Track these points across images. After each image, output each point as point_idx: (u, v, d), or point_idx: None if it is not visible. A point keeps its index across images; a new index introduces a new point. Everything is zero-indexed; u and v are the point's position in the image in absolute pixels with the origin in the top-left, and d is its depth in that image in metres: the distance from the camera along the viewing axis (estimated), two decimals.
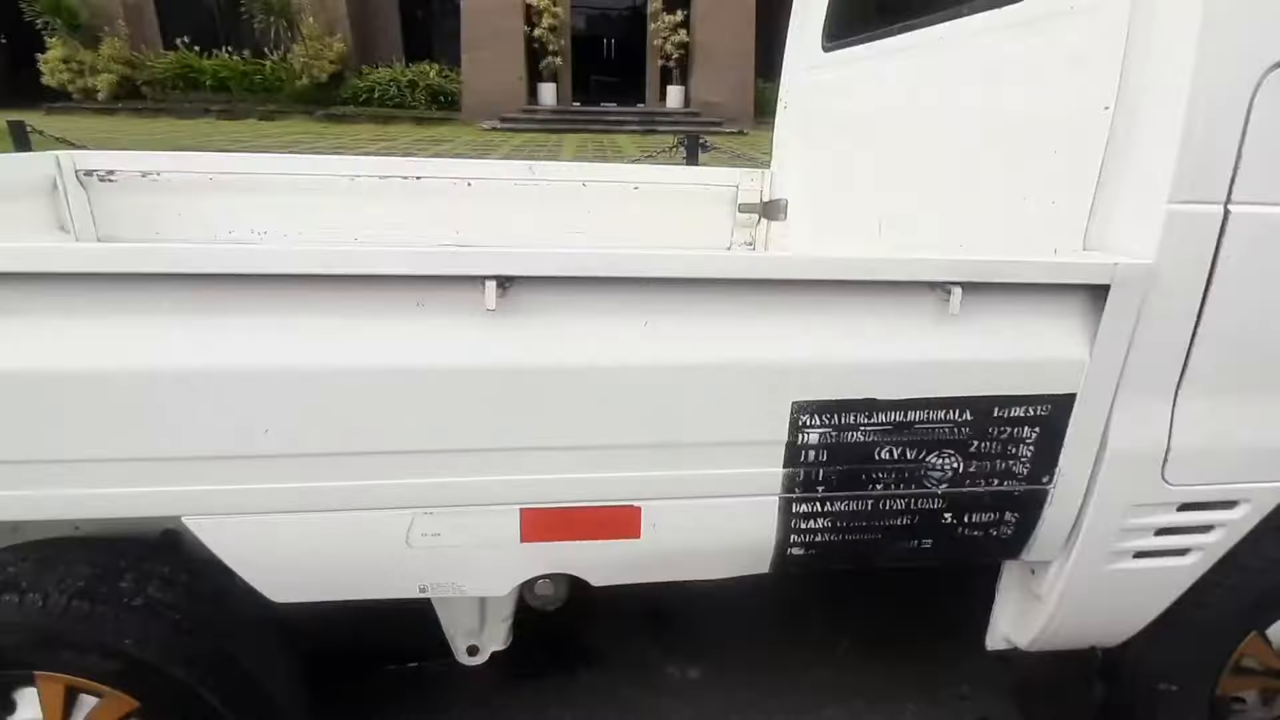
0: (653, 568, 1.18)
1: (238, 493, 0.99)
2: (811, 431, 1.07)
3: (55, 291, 0.87)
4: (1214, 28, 0.98)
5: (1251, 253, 1.06)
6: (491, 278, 0.92)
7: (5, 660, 1.08)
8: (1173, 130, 1.01)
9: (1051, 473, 1.16)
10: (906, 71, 1.75)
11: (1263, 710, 1.51)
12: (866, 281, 1.03)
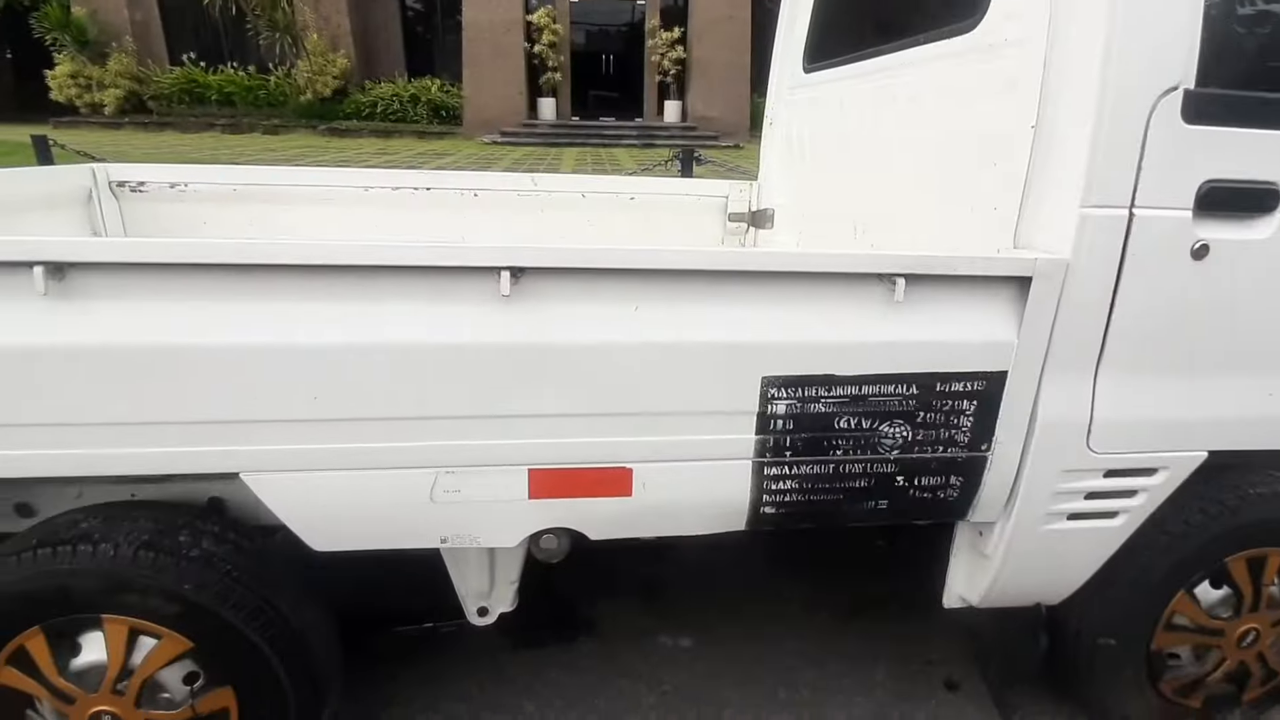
0: (642, 523, 1.35)
1: (287, 453, 1.16)
2: (779, 403, 1.24)
3: (159, 279, 1.05)
4: (1115, 60, 1.16)
5: (1154, 249, 1.24)
6: (506, 269, 1.10)
7: (79, 604, 1.25)
8: (1084, 146, 1.19)
9: (990, 441, 1.33)
10: (874, 92, 1.94)
11: (1196, 666, 1.67)
12: (823, 273, 1.20)
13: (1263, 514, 1.54)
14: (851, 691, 1.90)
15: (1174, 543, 1.52)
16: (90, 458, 1.13)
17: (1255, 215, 1.26)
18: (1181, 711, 1.70)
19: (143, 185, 2.72)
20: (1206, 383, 1.36)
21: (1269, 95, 1.24)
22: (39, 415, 1.08)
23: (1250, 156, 1.23)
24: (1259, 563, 1.58)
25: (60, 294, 1.03)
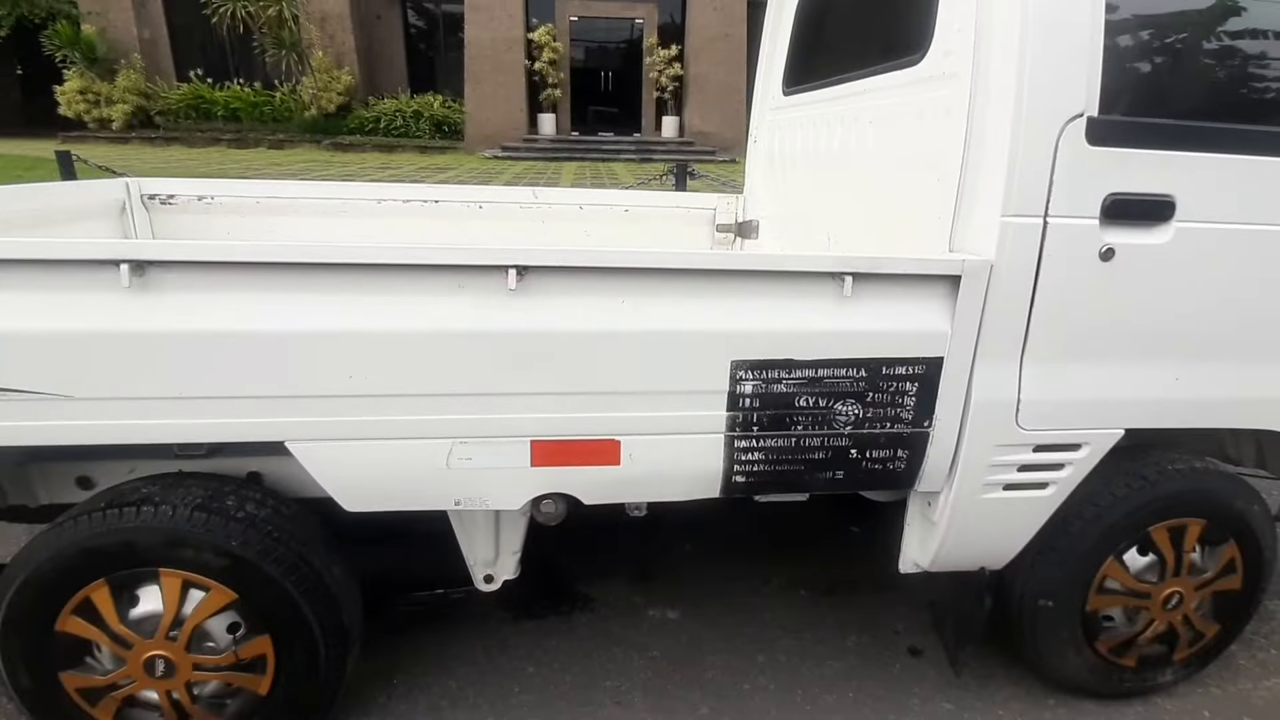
0: (629, 490, 1.55)
1: (326, 424, 1.36)
2: (746, 383, 1.44)
3: (224, 275, 1.26)
4: (1027, 92, 1.37)
5: (1066, 252, 1.45)
6: (513, 267, 1.30)
7: (141, 558, 1.44)
8: (1003, 164, 1.40)
9: (930, 418, 1.53)
10: (841, 114, 2.15)
11: (1128, 627, 1.86)
12: (782, 271, 1.41)
13: (1180, 488, 1.74)
14: (823, 657, 2.09)
15: (1102, 513, 1.72)
16: (164, 427, 1.33)
17: (1154, 223, 1.47)
18: (1117, 670, 1.89)
19: (172, 198, 2.93)
20: (1120, 368, 1.56)
21: (1161, 121, 1.45)
22: (125, 390, 1.28)
23: (1148, 173, 1.44)
24: (1179, 531, 1.78)
25: (140, 287, 1.24)
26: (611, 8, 17.11)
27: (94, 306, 1.24)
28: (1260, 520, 1.81)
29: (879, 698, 1.94)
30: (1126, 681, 1.91)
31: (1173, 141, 1.45)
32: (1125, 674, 1.90)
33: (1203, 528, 1.78)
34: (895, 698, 1.94)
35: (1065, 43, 1.37)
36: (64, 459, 1.64)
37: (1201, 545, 1.81)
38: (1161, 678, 1.93)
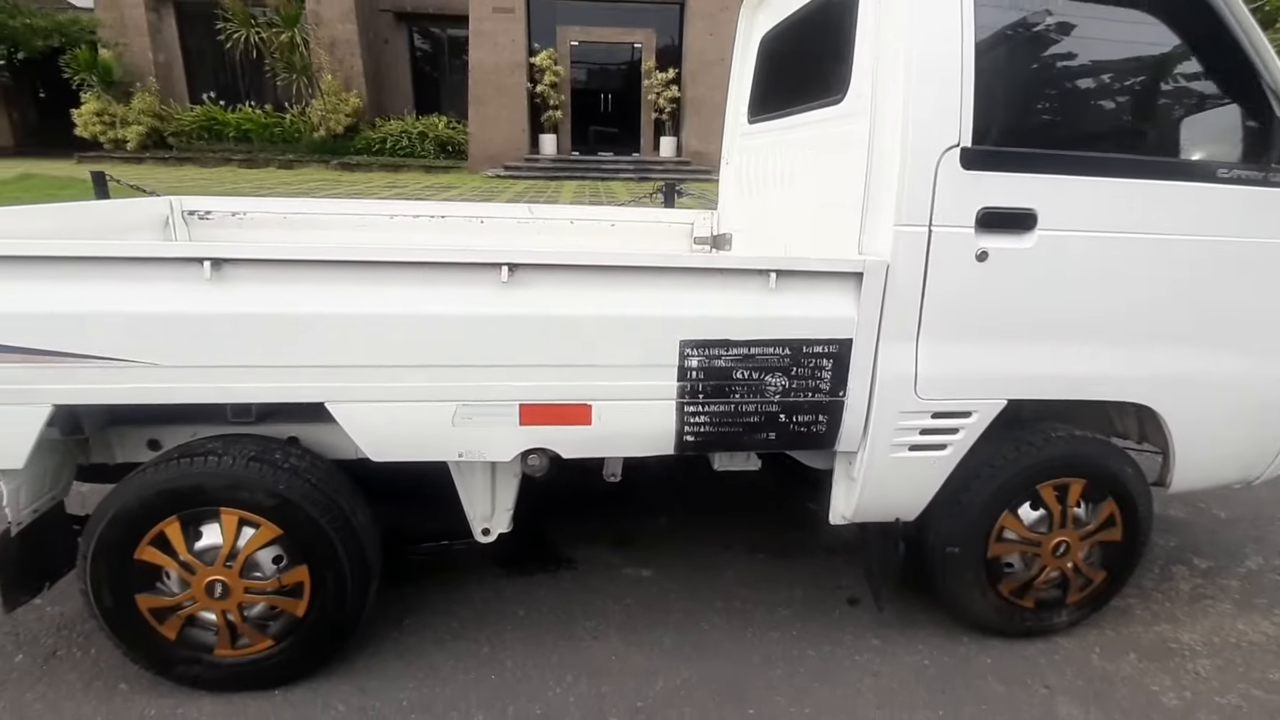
0: (600, 447, 1.90)
1: (357, 388, 1.72)
2: (692, 359, 1.80)
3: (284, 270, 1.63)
4: (911, 128, 1.74)
5: (948, 254, 1.81)
6: (505, 264, 1.67)
7: (207, 498, 1.79)
8: (894, 184, 1.77)
9: (844, 389, 1.88)
10: (790, 141, 2.53)
11: (1026, 572, 2.20)
12: (719, 269, 1.77)
13: (1062, 452, 2.09)
14: (773, 605, 2.43)
15: (996, 472, 2.07)
16: (231, 389, 1.69)
17: (1020, 231, 1.83)
18: (1018, 611, 2.22)
19: (209, 214, 3.31)
20: (999, 349, 1.92)
21: (1021, 150, 1.82)
22: (202, 359, 1.64)
23: (1012, 191, 1.81)
24: (1063, 489, 2.12)
25: (218, 280, 1.60)
26: (611, 33, 17.68)
27: (181, 294, 1.60)
28: (1134, 481, 2.16)
29: (818, 635, 2.27)
30: (1027, 621, 2.24)
31: (1032, 166, 1.82)
32: (1026, 614, 2.23)
33: (1083, 486, 2.12)
34: (831, 635, 2.28)
35: (941, 88, 1.74)
36: (137, 424, 2.00)
37: (1084, 501, 2.15)
38: (1057, 619, 2.26)
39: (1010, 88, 1.88)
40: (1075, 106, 1.97)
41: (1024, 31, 1.86)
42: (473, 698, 1.98)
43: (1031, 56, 1.92)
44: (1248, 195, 1.93)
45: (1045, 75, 1.93)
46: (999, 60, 1.84)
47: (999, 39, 1.83)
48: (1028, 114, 1.93)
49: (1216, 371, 2.05)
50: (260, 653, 1.92)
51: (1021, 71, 1.90)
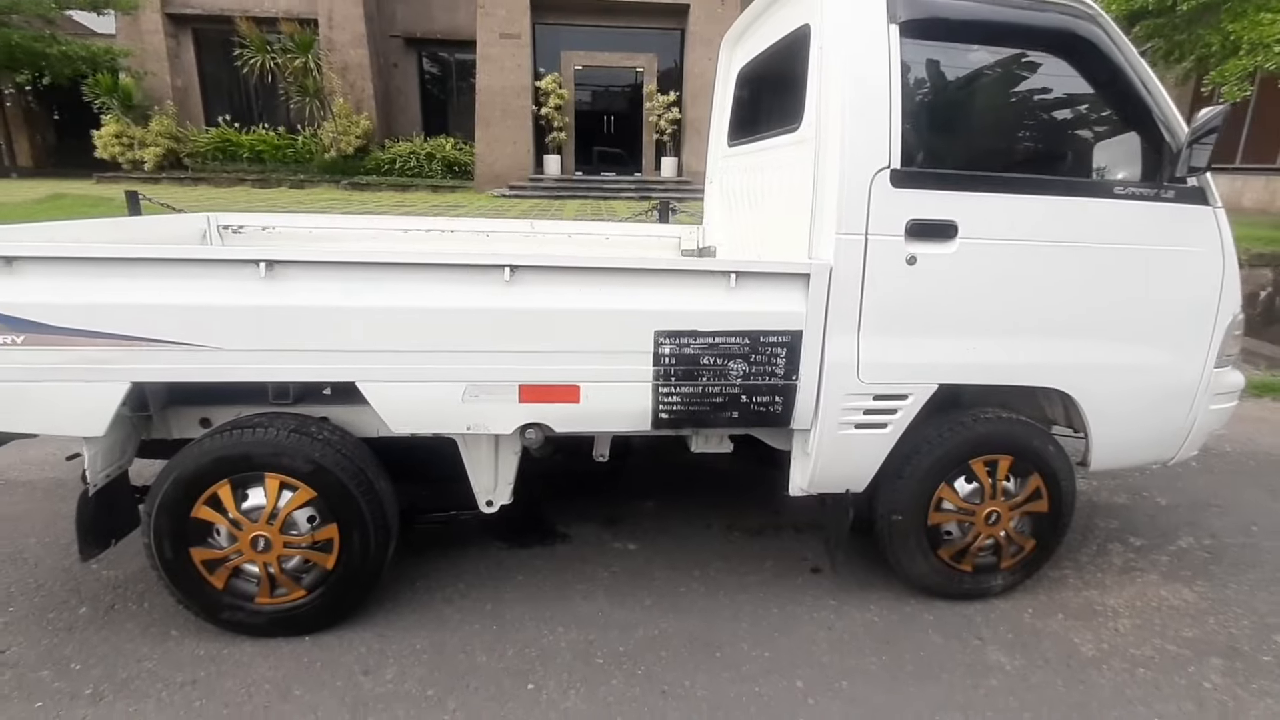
0: (587, 423, 2.21)
1: (383, 370, 2.04)
2: (665, 346, 2.12)
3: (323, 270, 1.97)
4: (848, 154, 2.07)
5: (883, 259, 2.13)
6: (507, 266, 2.00)
7: (254, 464, 2.11)
8: (834, 200, 2.10)
9: (797, 374, 2.19)
10: (761, 163, 2.87)
11: (963, 539, 2.49)
12: (688, 271, 2.10)
13: (991, 431, 2.40)
14: (744, 573, 2.72)
15: (934, 449, 2.37)
16: (281, 370, 2.02)
17: (943, 240, 2.16)
18: (957, 574, 2.52)
19: (241, 228, 3.67)
20: (930, 340, 2.23)
21: (942, 171, 2.15)
22: (258, 344, 1.96)
23: (935, 205, 2.13)
24: (993, 464, 2.43)
25: (272, 276, 1.94)
26: (614, 58, 18.21)
27: (241, 290, 1.94)
28: (1057, 459, 2.46)
29: (782, 597, 2.57)
30: (965, 584, 2.53)
31: (952, 185, 2.15)
32: (964, 577, 2.53)
33: (1010, 462, 2.43)
34: (794, 597, 2.57)
35: (873, 120, 2.08)
36: (191, 404, 2.33)
37: (1012, 476, 2.45)
38: (993, 582, 2.55)
39: (932, 119, 2.23)
40: (989, 134, 2.31)
41: (943, 71, 2.21)
42: (476, 643, 2.28)
43: (950, 92, 2.26)
44: (1143, 209, 2.25)
45: (962, 108, 2.27)
46: (922, 96, 2.19)
47: (922, 78, 2.17)
48: (948, 141, 2.27)
49: (1123, 362, 2.36)
50: (295, 601, 2.23)
51: (942, 105, 2.25)
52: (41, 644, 2.24)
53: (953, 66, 2.22)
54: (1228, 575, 2.81)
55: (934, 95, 2.23)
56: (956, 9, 2.12)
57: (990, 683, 2.16)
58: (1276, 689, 2.18)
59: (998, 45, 2.23)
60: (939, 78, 2.22)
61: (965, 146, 2.30)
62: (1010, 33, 2.18)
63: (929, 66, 2.19)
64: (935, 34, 2.14)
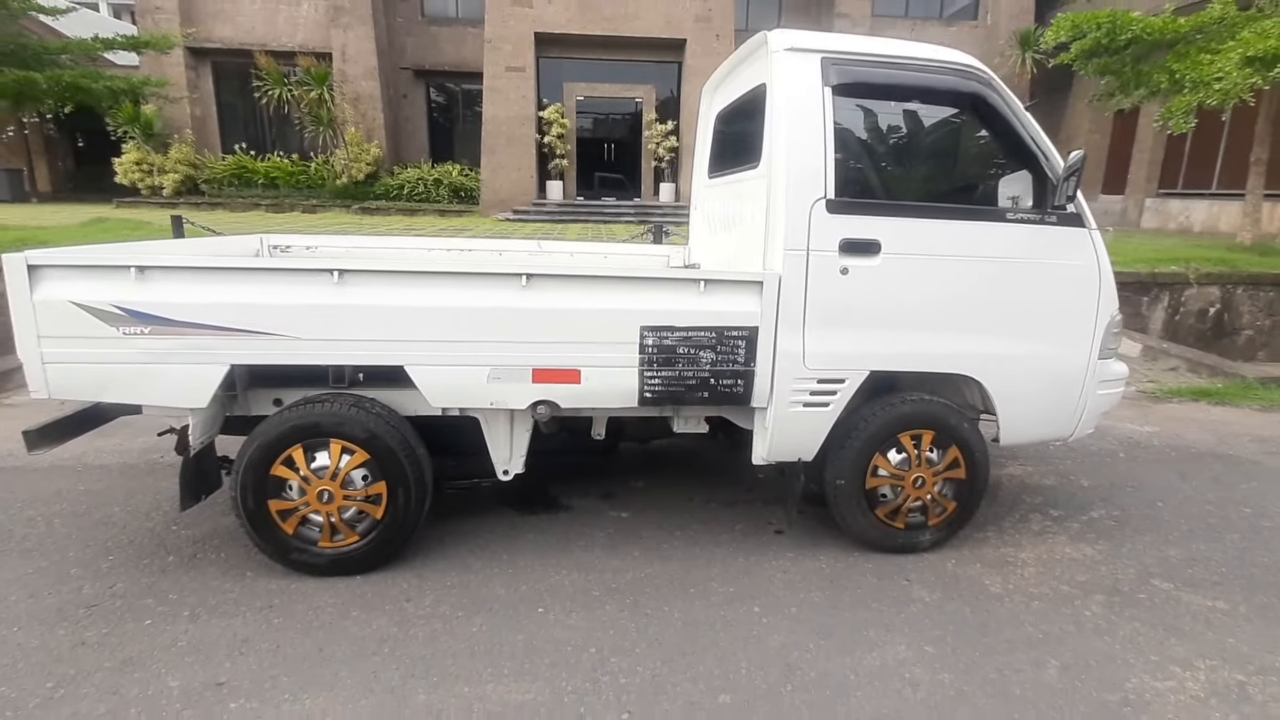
0: (586, 399, 2.75)
1: (426, 355, 2.59)
2: (649, 338, 2.67)
3: (379, 277, 2.53)
4: (792, 187, 2.65)
5: (822, 270, 2.69)
6: (524, 274, 2.56)
7: (321, 432, 2.65)
8: (782, 223, 2.66)
9: (754, 362, 2.74)
10: (734, 193, 3.44)
11: (895, 500, 3.02)
12: (667, 279, 2.66)
13: (915, 410, 2.94)
14: (718, 533, 3.25)
15: (868, 425, 2.91)
16: (347, 355, 2.57)
17: (870, 254, 2.72)
18: (892, 530, 3.04)
19: (288, 247, 4.24)
20: (861, 335, 2.78)
21: (867, 200, 2.72)
22: (329, 335, 2.52)
23: (862, 227, 2.70)
24: (918, 438, 2.96)
25: (342, 283, 2.50)
26: (615, 89, 19.04)
27: (317, 291, 2.50)
28: (971, 434, 3.00)
29: (748, 550, 3.09)
30: (899, 539, 3.06)
31: (875, 211, 2.72)
32: (898, 533, 3.05)
33: (933, 436, 2.96)
34: (758, 550, 3.09)
35: (811, 161, 2.65)
36: (267, 386, 2.87)
37: (934, 447, 2.99)
38: (923, 537, 3.07)
39: (859, 159, 2.81)
40: (906, 171, 2.89)
41: (867, 122, 2.79)
42: (495, 581, 2.80)
43: (873, 138, 2.85)
44: (1032, 230, 2.82)
45: (883, 150, 2.85)
46: (850, 141, 2.77)
47: (850, 128, 2.76)
48: (871, 176, 2.85)
49: (1021, 353, 2.91)
50: (350, 545, 2.76)
51: (866, 148, 2.83)
52: (142, 582, 2.76)
53: (874, 118, 2.81)
54: (1126, 537, 3.33)
55: (860, 141, 2.81)
56: (875, 75, 2.70)
57: (911, 610, 2.68)
58: (1144, 616, 2.69)
59: (909, 102, 2.82)
60: (863, 127, 2.81)
61: (886, 181, 2.88)
62: (919, 92, 2.77)
63: (855, 119, 2.78)
64: (859, 94, 2.73)
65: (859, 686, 2.24)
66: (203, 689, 2.17)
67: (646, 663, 2.33)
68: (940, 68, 2.75)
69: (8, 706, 2.08)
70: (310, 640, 2.41)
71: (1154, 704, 2.21)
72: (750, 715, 2.11)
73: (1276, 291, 7.78)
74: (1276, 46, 6.81)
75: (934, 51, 2.79)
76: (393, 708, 2.10)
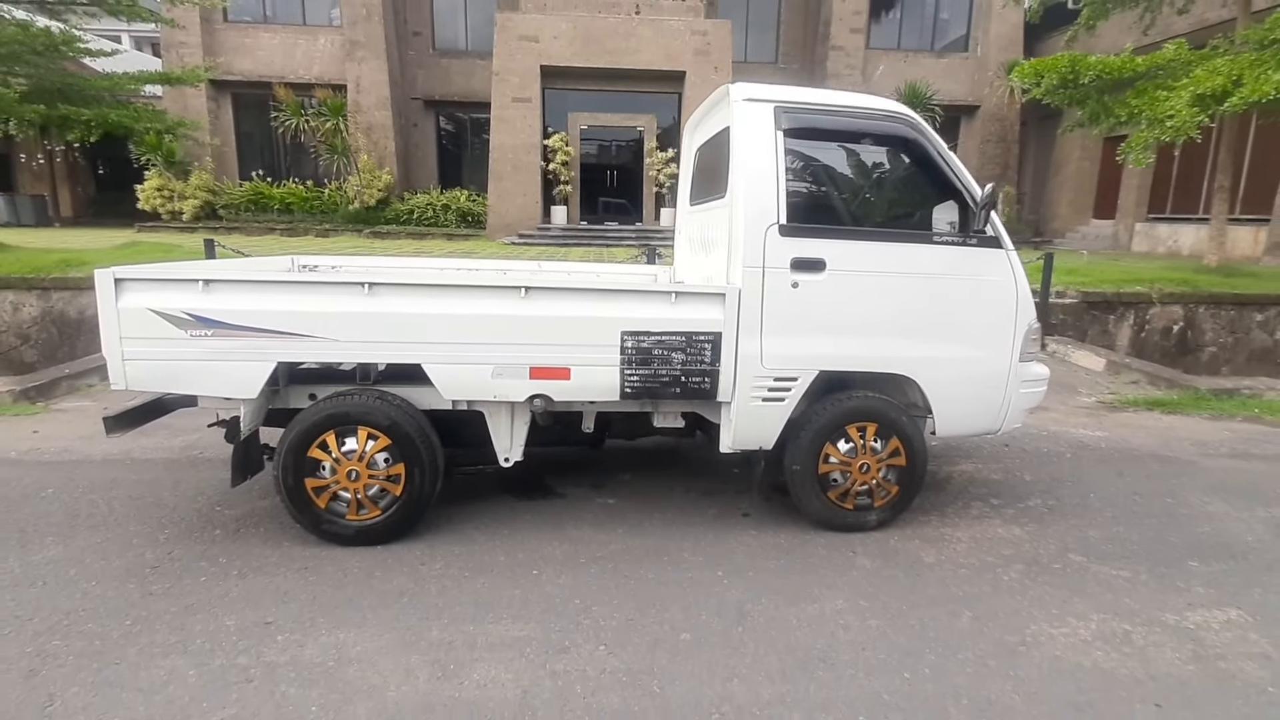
0: (575, 394, 3.22)
1: (440, 355, 3.08)
2: (629, 341, 3.15)
3: (403, 288, 3.03)
4: (750, 214, 3.15)
5: (776, 284, 3.18)
6: (523, 287, 3.06)
7: (351, 420, 3.14)
8: (742, 245, 3.16)
9: (719, 361, 3.21)
10: (709, 220, 3.95)
11: (845, 484, 3.47)
12: (644, 291, 3.16)
13: (861, 405, 3.40)
14: (693, 515, 3.70)
15: (819, 418, 3.38)
16: (376, 354, 3.06)
17: (817, 271, 3.20)
18: (842, 511, 3.49)
19: (316, 266, 4.76)
20: (811, 339, 3.26)
21: (813, 225, 3.22)
22: (361, 337, 3.01)
23: (810, 247, 3.19)
24: (863, 429, 3.43)
25: (371, 294, 3.00)
26: (617, 118, 19.78)
27: (351, 300, 3.00)
28: (910, 426, 3.45)
29: (719, 528, 3.54)
30: (849, 518, 3.50)
31: (821, 234, 3.21)
32: (848, 514, 3.50)
33: (876, 428, 3.42)
34: (726, 528, 3.54)
35: (765, 192, 3.15)
36: (304, 383, 3.36)
37: (878, 438, 3.45)
38: (869, 517, 3.52)
39: (806, 190, 3.31)
40: (847, 200, 3.39)
41: (813, 159, 3.31)
42: (497, 550, 3.26)
43: (818, 173, 3.35)
44: (957, 250, 3.30)
45: (827, 183, 3.36)
46: (799, 175, 3.27)
47: (798, 164, 3.27)
48: (817, 205, 3.35)
49: (949, 357, 3.38)
50: (373, 518, 3.23)
51: (812, 181, 3.33)
52: (194, 549, 3.23)
53: (819, 156, 3.32)
54: (1054, 522, 3.76)
55: (807, 175, 3.32)
56: (819, 121, 3.22)
57: (852, 574, 3.12)
58: (1054, 581, 3.12)
59: (847, 142, 3.34)
60: (810, 163, 3.32)
61: (830, 208, 3.38)
62: (855, 134, 3.28)
63: (803, 156, 3.29)
64: (806, 136, 3.25)
65: (799, 628, 2.69)
66: (254, 626, 2.63)
67: (622, 610, 2.78)
68: (873, 114, 3.27)
69: (97, 638, 2.54)
70: (341, 593, 2.87)
71: (1045, 644, 2.64)
72: (705, 647, 2.56)
73: (1238, 310, 8.23)
74: (1225, 84, 7.34)
75: (869, 100, 3.31)
76: (411, 640, 2.56)
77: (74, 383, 6.04)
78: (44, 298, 7.43)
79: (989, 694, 2.35)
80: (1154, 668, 2.52)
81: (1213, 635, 2.74)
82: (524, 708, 2.22)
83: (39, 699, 2.22)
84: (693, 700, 2.27)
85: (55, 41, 9.39)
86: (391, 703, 2.23)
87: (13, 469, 4.21)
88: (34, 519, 3.51)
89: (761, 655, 2.52)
